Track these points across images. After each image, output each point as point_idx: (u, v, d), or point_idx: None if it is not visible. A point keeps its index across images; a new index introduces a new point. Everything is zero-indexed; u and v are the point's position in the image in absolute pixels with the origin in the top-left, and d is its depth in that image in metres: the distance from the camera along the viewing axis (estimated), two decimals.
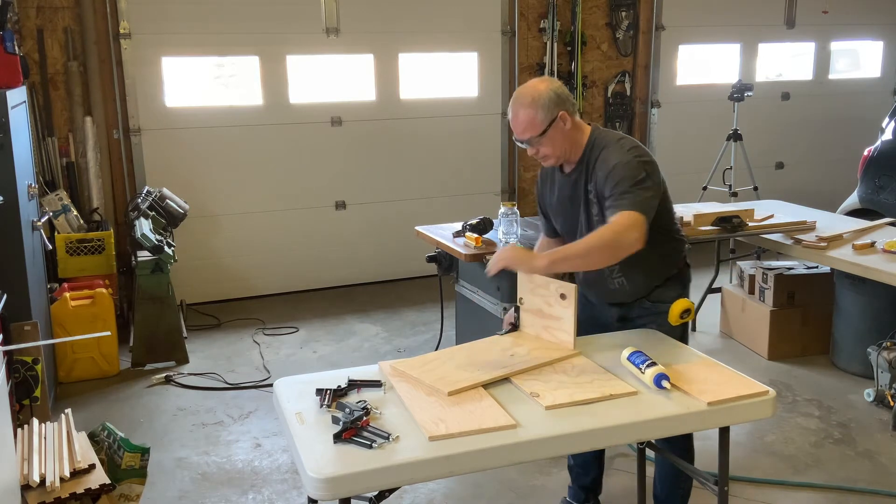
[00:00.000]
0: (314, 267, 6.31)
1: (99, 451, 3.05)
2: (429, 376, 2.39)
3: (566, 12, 6.71)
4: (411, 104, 6.37)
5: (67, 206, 5.26)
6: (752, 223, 4.40)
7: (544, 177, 2.96)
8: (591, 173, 2.73)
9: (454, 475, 2.63)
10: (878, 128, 5.88)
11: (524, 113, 2.66)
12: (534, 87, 2.68)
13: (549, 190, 2.92)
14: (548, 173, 2.94)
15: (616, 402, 2.27)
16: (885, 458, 3.72)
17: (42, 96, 5.42)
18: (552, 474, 3.58)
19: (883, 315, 4.41)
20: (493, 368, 2.45)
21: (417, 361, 2.53)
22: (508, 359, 2.54)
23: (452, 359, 2.54)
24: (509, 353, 2.59)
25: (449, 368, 2.45)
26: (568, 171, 2.81)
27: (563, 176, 2.84)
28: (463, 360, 2.53)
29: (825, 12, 7.56)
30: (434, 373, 2.42)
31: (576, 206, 2.80)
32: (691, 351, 2.65)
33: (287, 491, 3.49)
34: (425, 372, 2.42)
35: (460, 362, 2.50)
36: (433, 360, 2.53)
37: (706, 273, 5.65)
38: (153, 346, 4.84)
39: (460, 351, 2.64)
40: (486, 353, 2.59)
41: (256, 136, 5.98)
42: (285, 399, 2.32)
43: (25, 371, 3.74)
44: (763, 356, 4.87)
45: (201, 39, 5.75)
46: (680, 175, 7.23)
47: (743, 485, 3.47)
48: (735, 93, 6.09)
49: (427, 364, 2.49)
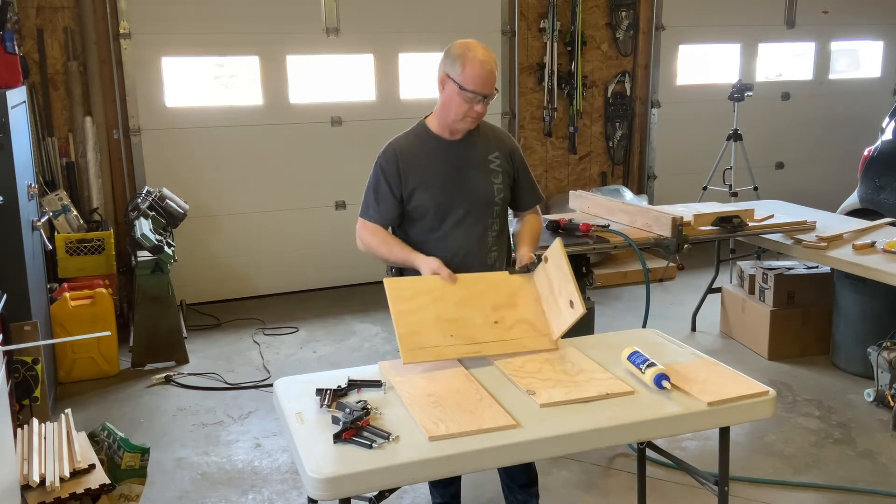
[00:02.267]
0: (314, 267, 6.31)
1: (99, 451, 3.05)
2: (403, 321, 2.45)
3: (566, 12, 6.71)
4: (411, 104, 6.35)
5: (67, 206, 5.26)
6: (752, 223, 4.39)
7: (400, 150, 2.83)
8: (489, 145, 2.88)
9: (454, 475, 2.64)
10: (878, 128, 5.88)
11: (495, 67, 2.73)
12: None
13: (420, 163, 2.81)
14: (414, 147, 2.83)
15: (616, 402, 2.27)
16: (885, 458, 3.72)
17: (42, 96, 5.42)
18: (552, 474, 3.58)
19: (883, 315, 4.41)
20: (466, 341, 2.49)
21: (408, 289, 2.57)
22: (490, 328, 2.56)
23: (443, 299, 2.56)
24: (496, 317, 2.60)
25: (428, 317, 2.49)
26: (455, 138, 2.83)
27: (449, 144, 2.83)
28: (450, 306, 2.55)
29: (825, 12, 7.57)
30: (410, 318, 2.46)
31: (475, 172, 2.84)
32: (691, 351, 2.65)
33: (287, 491, 3.49)
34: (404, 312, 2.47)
35: (443, 311, 2.53)
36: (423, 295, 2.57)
37: (706, 273, 5.65)
38: (153, 346, 4.84)
39: (456, 291, 2.62)
40: (475, 306, 2.60)
41: (256, 136, 5.98)
42: (285, 399, 2.32)
43: (25, 371, 3.74)
44: (763, 356, 4.87)
45: (201, 39, 5.75)
46: (680, 175, 7.26)
47: (743, 485, 3.47)
48: (735, 93, 6.09)
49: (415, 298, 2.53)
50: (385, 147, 2.86)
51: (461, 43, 2.73)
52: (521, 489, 2.98)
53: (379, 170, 2.84)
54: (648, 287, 3.95)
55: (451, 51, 2.72)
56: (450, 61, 2.70)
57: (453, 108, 2.73)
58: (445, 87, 2.73)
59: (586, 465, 3.66)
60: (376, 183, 2.86)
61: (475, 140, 2.87)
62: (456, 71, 2.67)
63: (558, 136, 6.95)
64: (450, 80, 2.70)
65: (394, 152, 2.83)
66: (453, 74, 2.68)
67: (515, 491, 3.00)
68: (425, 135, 2.86)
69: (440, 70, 2.74)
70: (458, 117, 2.74)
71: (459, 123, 2.76)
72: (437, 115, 2.83)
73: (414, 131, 2.89)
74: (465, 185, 2.82)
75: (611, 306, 5.76)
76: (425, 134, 2.86)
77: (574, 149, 6.97)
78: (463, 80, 2.66)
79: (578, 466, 3.65)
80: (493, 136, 2.92)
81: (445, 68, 2.71)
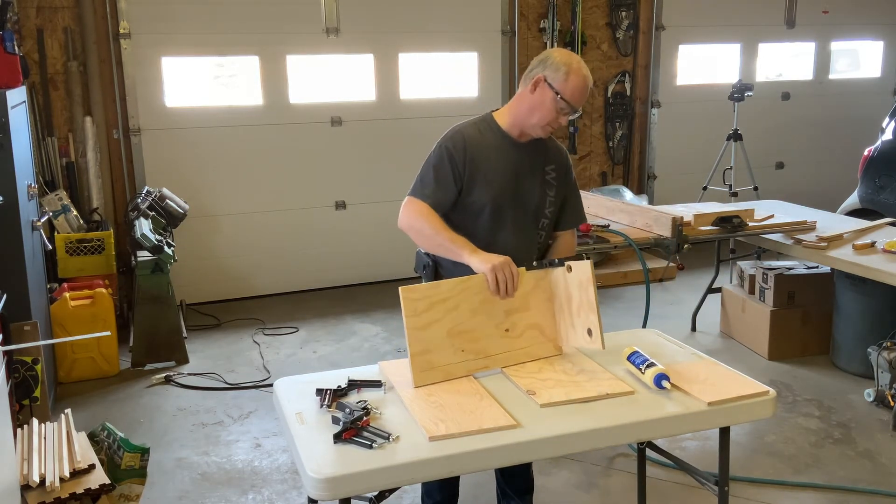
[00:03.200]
0: (314, 267, 6.31)
1: (99, 451, 3.05)
2: (416, 338, 2.38)
3: (566, 12, 6.71)
4: (411, 104, 6.36)
5: (67, 206, 5.26)
6: (752, 223, 4.40)
7: (468, 138, 2.72)
8: (549, 156, 2.81)
9: (454, 475, 2.64)
10: (878, 128, 5.88)
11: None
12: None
13: (486, 157, 2.71)
14: (482, 140, 2.74)
15: (616, 402, 2.27)
16: (885, 458, 3.71)
17: (42, 96, 5.42)
18: (552, 474, 3.58)
19: (883, 315, 4.41)
20: (476, 355, 2.47)
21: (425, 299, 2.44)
22: (500, 338, 2.52)
23: (458, 308, 2.47)
24: (507, 323, 2.54)
25: (441, 332, 2.42)
26: (524, 140, 2.76)
27: (515, 145, 2.75)
28: (465, 314, 2.47)
29: (825, 12, 7.57)
30: (423, 334, 2.39)
31: (532, 180, 2.77)
32: (691, 351, 2.65)
33: (287, 491, 3.49)
34: (417, 328, 2.40)
35: (457, 322, 2.46)
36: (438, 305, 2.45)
37: (706, 273, 5.65)
38: (153, 346, 4.84)
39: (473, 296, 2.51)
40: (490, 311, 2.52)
41: (256, 136, 5.98)
42: (285, 399, 2.32)
43: (25, 371, 3.74)
44: (763, 356, 4.87)
45: (201, 39, 5.75)
46: (680, 175, 7.26)
47: (743, 485, 3.47)
48: (735, 93, 6.09)
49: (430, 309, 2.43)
50: (452, 132, 2.74)
51: (565, 52, 2.71)
52: (516, 496, 2.96)
53: (444, 152, 2.69)
54: (648, 287, 3.95)
55: (554, 56, 2.66)
56: (553, 67, 2.64)
57: (540, 113, 2.66)
58: (538, 89, 2.65)
59: (586, 465, 3.66)
60: (439, 163, 2.70)
61: (538, 147, 2.79)
62: (559, 78, 2.62)
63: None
64: (547, 84, 2.63)
65: (463, 139, 2.70)
66: (554, 81, 2.62)
67: (511, 497, 2.97)
68: (494, 129, 2.76)
69: (536, 71, 2.67)
70: (542, 123, 2.67)
71: (538, 129, 2.69)
72: (515, 113, 2.73)
73: (481, 123, 2.78)
74: (521, 189, 2.75)
75: (611, 306, 5.75)
76: (494, 129, 2.76)
77: (574, 149, 6.97)
78: (563, 88, 2.61)
79: (578, 466, 3.65)
80: (553, 148, 2.85)
81: (545, 72, 2.64)
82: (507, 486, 2.97)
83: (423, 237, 2.69)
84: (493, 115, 2.80)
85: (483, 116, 2.80)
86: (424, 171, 2.73)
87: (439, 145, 2.72)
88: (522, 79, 2.73)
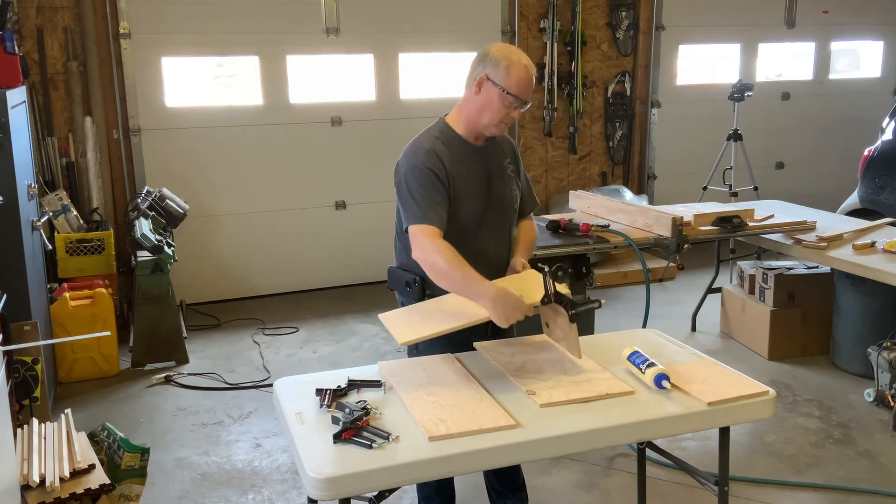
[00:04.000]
0: (314, 267, 6.31)
1: (99, 451, 3.05)
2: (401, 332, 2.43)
3: (566, 12, 6.71)
4: (411, 104, 6.36)
5: (67, 206, 5.26)
6: (752, 223, 4.39)
7: (441, 155, 2.61)
8: (504, 150, 2.79)
9: (454, 475, 2.64)
10: (879, 128, 5.88)
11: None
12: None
13: (459, 170, 2.62)
14: (451, 153, 2.63)
15: (616, 402, 2.27)
16: (885, 458, 3.71)
17: (42, 96, 5.42)
18: (552, 474, 3.58)
19: (883, 315, 4.41)
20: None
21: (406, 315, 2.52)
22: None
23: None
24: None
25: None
26: (480, 143, 2.72)
27: (476, 150, 2.69)
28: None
29: (825, 12, 7.57)
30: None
31: (500, 180, 2.73)
32: (691, 351, 2.65)
33: (287, 491, 3.49)
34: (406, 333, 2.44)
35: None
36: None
37: (706, 273, 5.65)
38: (153, 346, 4.84)
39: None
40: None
41: (256, 136, 5.98)
42: (285, 399, 2.32)
43: (25, 371, 3.74)
44: (763, 356, 4.87)
45: (201, 39, 5.75)
46: (680, 175, 7.26)
47: (743, 485, 3.47)
48: (735, 93, 6.09)
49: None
50: (423, 150, 2.61)
51: (502, 46, 2.63)
52: (512, 494, 2.94)
53: (429, 173, 2.56)
54: (648, 287, 3.95)
55: (491, 53, 2.58)
56: (492, 63, 2.56)
57: (490, 112, 2.59)
58: (483, 89, 2.58)
59: (586, 465, 3.66)
60: (429, 184, 2.55)
61: (493, 146, 2.76)
62: (500, 74, 2.54)
63: (558, 136, 6.95)
64: (490, 82, 2.56)
65: (437, 156, 2.59)
66: (496, 77, 2.55)
67: (507, 497, 2.93)
68: (455, 140, 2.67)
69: (477, 71, 2.59)
70: (494, 122, 2.61)
71: (492, 128, 2.64)
72: (466, 118, 2.67)
73: (441, 135, 2.67)
74: (494, 192, 2.71)
75: (611, 306, 5.75)
76: (455, 139, 2.67)
77: (574, 149, 6.97)
78: (507, 83, 2.54)
79: (578, 466, 3.65)
80: (502, 141, 2.81)
81: (486, 70, 2.56)
82: (501, 487, 2.94)
83: (445, 277, 2.50)
84: (448, 124, 2.71)
85: (439, 125, 2.72)
86: (417, 195, 2.56)
87: (417, 167, 2.58)
88: (466, 82, 2.66)
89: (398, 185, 2.64)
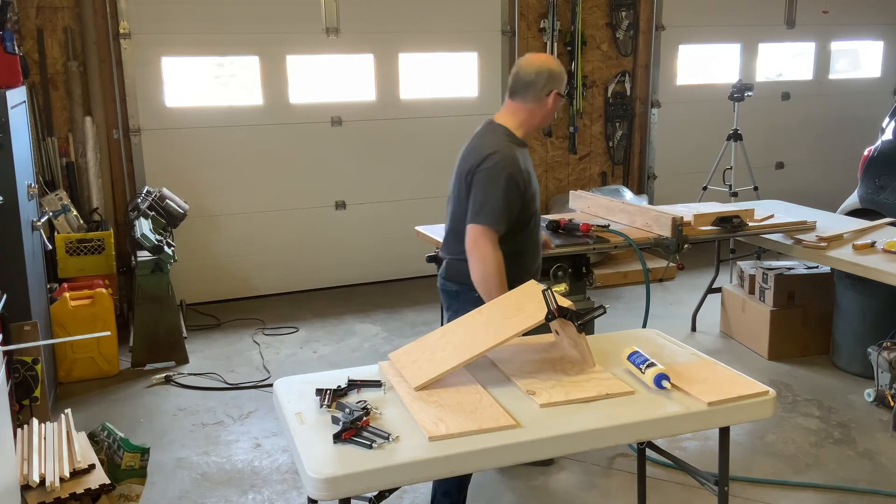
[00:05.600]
0: (314, 267, 6.31)
1: (99, 451, 3.05)
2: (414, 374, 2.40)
3: (566, 12, 6.71)
4: (411, 104, 6.36)
5: (67, 206, 5.26)
6: (752, 223, 4.39)
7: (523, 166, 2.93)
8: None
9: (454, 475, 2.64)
10: (878, 128, 5.87)
11: None
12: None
13: (530, 174, 2.98)
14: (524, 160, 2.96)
15: (616, 402, 2.27)
16: (885, 458, 3.72)
17: (42, 96, 5.42)
18: (552, 474, 3.58)
19: (883, 315, 4.41)
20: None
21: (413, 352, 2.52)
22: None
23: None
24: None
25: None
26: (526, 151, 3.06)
27: (527, 152, 3.05)
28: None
29: (825, 12, 7.56)
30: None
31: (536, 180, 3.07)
32: (691, 351, 2.65)
33: (287, 491, 3.49)
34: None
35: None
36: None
37: (706, 273, 5.65)
38: (153, 346, 4.84)
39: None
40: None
41: (256, 136, 5.98)
42: (285, 399, 2.32)
43: (25, 371, 3.74)
44: (763, 356, 4.87)
45: (201, 39, 5.75)
46: (680, 175, 7.26)
47: (743, 485, 3.47)
48: (735, 93, 6.09)
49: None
50: (507, 159, 2.86)
51: (554, 61, 3.02)
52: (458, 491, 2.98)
53: (511, 180, 2.84)
54: (648, 287, 3.95)
55: (554, 69, 2.94)
56: (558, 79, 2.95)
57: (549, 118, 3.00)
58: (552, 100, 2.94)
59: (586, 465, 3.66)
60: (510, 191, 2.83)
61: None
62: (562, 85, 2.96)
63: (558, 136, 6.95)
64: (558, 94, 2.95)
65: (518, 164, 2.88)
66: (560, 89, 2.95)
67: None
68: (521, 144, 2.97)
69: (547, 86, 2.92)
70: (547, 124, 3.07)
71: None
72: (529, 123, 2.98)
73: (508, 139, 2.94)
74: (538, 191, 3.05)
75: (611, 306, 5.75)
76: (520, 143, 2.97)
77: (574, 149, 6.97)
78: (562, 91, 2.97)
79: (578, 466, 3.65)
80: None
81: (553, 85, 2.93)
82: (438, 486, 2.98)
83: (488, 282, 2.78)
84: (507, 127, 2.97)
85: (503, 130, 2.96)
86: (494, 199, 2.81)
87: (502, 171, 2.82)
88: (521, 93, 2.94)
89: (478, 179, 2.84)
